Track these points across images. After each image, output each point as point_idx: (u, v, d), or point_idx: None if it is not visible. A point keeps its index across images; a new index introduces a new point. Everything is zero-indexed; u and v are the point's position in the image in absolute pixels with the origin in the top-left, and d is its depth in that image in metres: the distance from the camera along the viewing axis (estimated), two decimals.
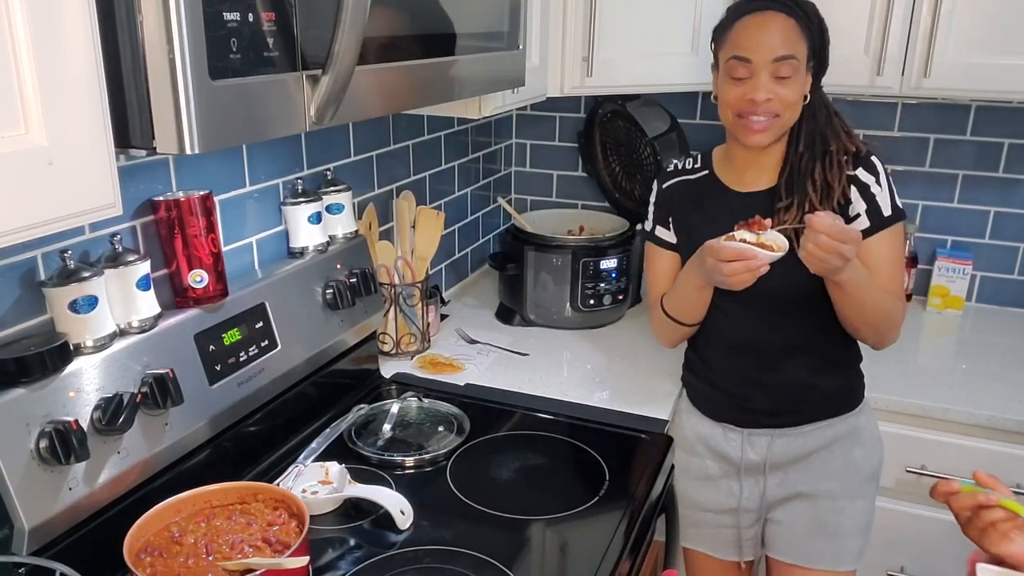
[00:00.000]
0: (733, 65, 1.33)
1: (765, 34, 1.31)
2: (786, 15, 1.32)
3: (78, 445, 0.97)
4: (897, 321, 1.40)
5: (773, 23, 1.31)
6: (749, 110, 1.32)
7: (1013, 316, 2.14)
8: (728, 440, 1.51)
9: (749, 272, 1.25)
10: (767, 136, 1.34)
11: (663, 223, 1.53)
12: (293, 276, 1.42)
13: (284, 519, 1.08)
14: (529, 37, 1.48)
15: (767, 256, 1.24)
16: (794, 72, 1.31)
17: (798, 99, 1.34)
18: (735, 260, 1.25)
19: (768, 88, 1.31)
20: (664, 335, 1.56)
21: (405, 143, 1.88)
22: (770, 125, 1.33)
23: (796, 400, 1.45)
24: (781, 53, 1.30)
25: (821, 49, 1.37)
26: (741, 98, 1.32)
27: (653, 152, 2.15)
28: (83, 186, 0.73)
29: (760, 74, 1.31)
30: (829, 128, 1.39)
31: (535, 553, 1.18)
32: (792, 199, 1.37)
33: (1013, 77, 1.70)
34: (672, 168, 1.54)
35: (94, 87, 0.72)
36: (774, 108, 1.32)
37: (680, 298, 1.46)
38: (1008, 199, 2.11)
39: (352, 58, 0.88)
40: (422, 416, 1.54)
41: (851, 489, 1.47)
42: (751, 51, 1.31)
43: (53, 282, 1.02)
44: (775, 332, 1.43)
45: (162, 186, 1.22)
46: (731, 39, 1.34)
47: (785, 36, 1.31)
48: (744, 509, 1.53)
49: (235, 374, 1.26)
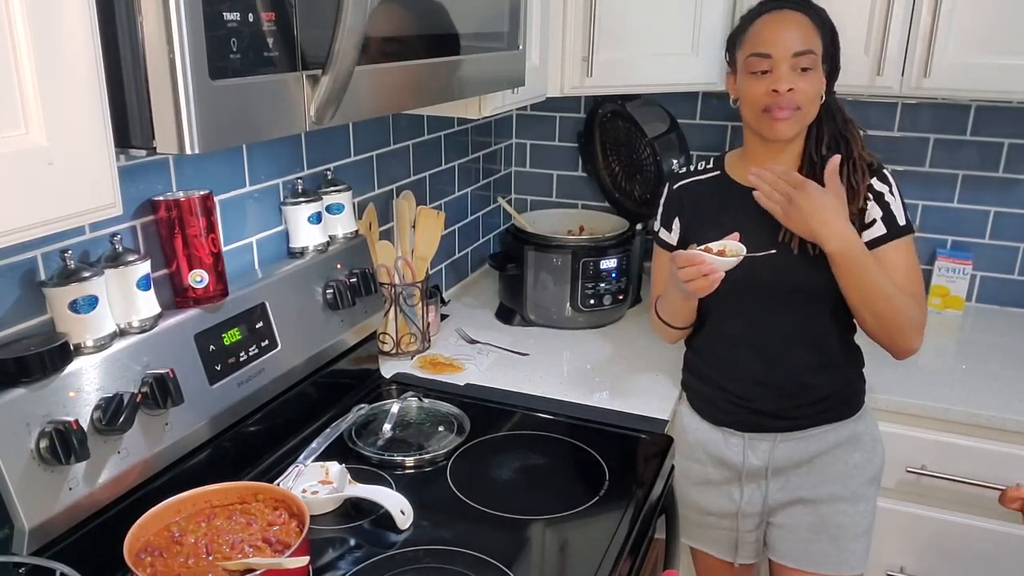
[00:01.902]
0: (754, 61, 1.35)
1: (784, 30, 1.33)
2: (802, 13, 1.35)
3: (78, 445, 0.97)
4: (917, 322, 1.37)
5: (791, 19, 1.34)
6: (774, 102, 1.33)
7: (1013, 316, 2.14)
8: (729, 445, 1.50)
9: (703, 278, 1.27)
10: (791, 127, 1.36)
11: (667, 225, 1.54)
12: (293, 276, 1.42)
13: (284, 519, 1.08)
14: (529, 37, 1.48)
15: (719, 261, 1.26)
16: (813, 65, 1.34)
17: (818, 93, 1.36)
18: (688, 265, 1.28)
19: (790, 79, 1.32)
20: (660, 335, 1.59)
21: (405, 143, 1.88)
22: (793, 115, 1.34)
23: (796, 400, 1.45)
24: (800, 47, 1.32)
25: (834, 52, 1.39)
26: (765, 92, 1.34)
27: (653, 152, 2.15)
28: (83, 186, 0.73)
29: (781, 66, 1.33)
30: (848, 131, 1.41)
31: (535, 553, 1.18)
32: None
33: (1013, 77, 1.70)
34: (684, 170, 1.55)
35: (94, 87, 0.72)
36: (796, 99, 1.33)
37: (669, 304, 1.49)
38: (1008, 199, 2.11)
39: (352, 58, 0.88)
40: (422, 416, 1.54)
41: (852, 492, 1.46)
42: (770, 46, 1.33)
43: (53, 282, 1.02)
44: (774, 330, 1.43)
45: (162, 186, 1.22)
46: (750, 38, 1.36)
47: (803, 31, 1.34)
48: (744, 514, 1.53)
49: (235, 374, 1.26)
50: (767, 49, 1.33)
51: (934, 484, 1.68)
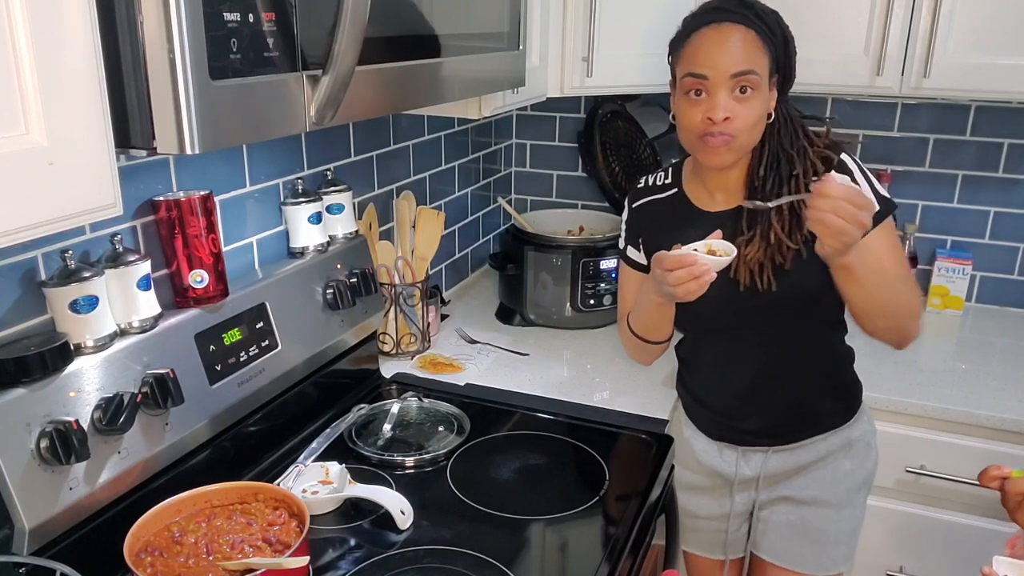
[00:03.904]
0: (689, 83, 1.24)
1: (722, 49, 1.21)
2: (745, 27, 1.22)
3: (78, 445, 0.97)
4: (915, 308, 1.31)
5: (731, 36, 1.22)
6: (709, 131, 1.23)
7: (1013, 316, 2.14)
8: (723, 457, 1.48)
9: (694, 280, 1.17)
10: (729, 155, 1.26)
11: (634, 243, 1.47)
12: (293, 276, 1.42)
13: (284, 519, 1.08)
14: (529, 37, 1.48)
15: (711, 261, 1.17)
16: (755, 86, 1.22)
17: (759, 119, 1.25)
18: (677, 268, 1.18)
19: (727, 106, 1.21)
20: (635, 354, 1.50)
21: (405, 143, 1.88)
22: (729, 143, 1.24)
23: (789, 420, 1.42)
24: (739, 68, 1.20)
25: (786, 61, 1.28)
26: (701, 119, 1.23)
27: (653, 152, 2.15)
28: (83, 186, 0.73)
29: (718, 92, 1.21)
30: (795, 148, 1.29)
31: (535, 553, 1.18)
32: (755, 230, 1.28)
33: (1013, 77, 1.70)
34: (642, 184, 1.47)
35: (94, 87, 0.72)
36: (733, 128, 1.22)
37: (642, 315, 1.39)
38: (1008, 199, 2.11)
39: (352, 58, 0.88)
40: (422, 416, 1.54)
41: (839, 499, 1.44)
42: (707, 67, 1.21)
43: (53, 282, 1.02)
44: (764, 351, 1.37)
45: (162, 186, 1.22)
46: (687, 54, 1.25)
47: (744, 49, 1.22)
48: (735, 514, 1.52)
49: (235, 374, 1.27)
50: (703, 70, 1.21)
51: (933, 484, 1.68)
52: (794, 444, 1.44)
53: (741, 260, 1.27)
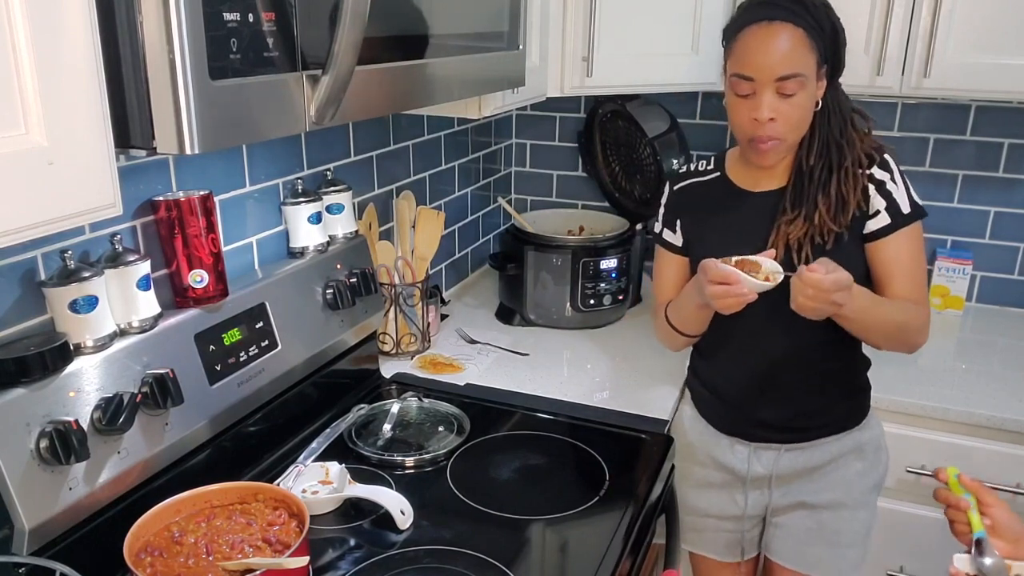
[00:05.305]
0: (736, 83, 1.28)
1: (769, 52, 1.24)
2: (794, 24, 1.24)
3: (78, 445, 0.97)
4: (916, 327, 1.35)
5: (779, 36, 1.24)
6: (756, 135, 1.28)
7: (1013, 316, 2.14)
8: (735, 453, 1.49)
9: (733, 297, 1.22)
10: (775, 156, 1.31)
11: (670, 226, 1.50)
12: (293, 276, 1.42)
13: (284, 519, 1.08)
14: (529, 37, 1.48)
15: (753, 284, 1.21)
16: (800, 88, 1.25)
17: (804, 117, 1.29)
18: (721, 283, 1.22)
19: (772, 106, 1.25)
20: (667, 341, 1.55)
21: (405, 143, 1.88)
22: (776, 145, 1.29)
23: (803, 415, 1.44)
24: (785, 72, 1.24)
25: (835, 53, 1.30)
26: (748, 119, 1.28)
27: (653, 152, 2.15)
28: (83, 186, 0.73)
29: (764, 92, 1.25)
30: (845, 137, 1.33)
31: (535, 553, 1.18)
32: (800, 211, 1.33)
33: (1013, 77, 1.70)
34: (684, 170, 1.51)
35: (94, 87, 0.72)
36: (778, 129, 1.27)
37: (682, 312, 1.45)
38: (1008, 199, 2.11)
39: (352, 58, 0.88)
40: (422, 416, 1.54)
41: (854, 500, 1.46)
42: (753, 69, 1.25)
43: (53, 282, 1.02)
44: (783, 345, 1.40)
45: (162, 186, 1.22)
46: (735, 52, 1.29)
47: (791, 51, 1.24)
48: (749, 516, 1.52)
49: (235, 374, 1.26)
50: (749, 72, 1.25)
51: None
52: (806, 444, 1.45)
53: (780, 236, 1.32)
